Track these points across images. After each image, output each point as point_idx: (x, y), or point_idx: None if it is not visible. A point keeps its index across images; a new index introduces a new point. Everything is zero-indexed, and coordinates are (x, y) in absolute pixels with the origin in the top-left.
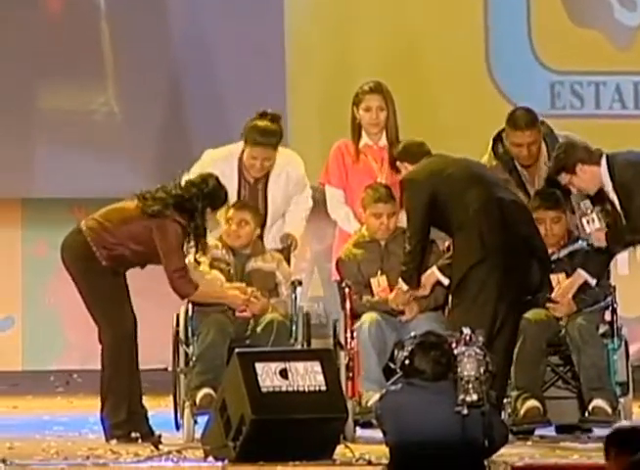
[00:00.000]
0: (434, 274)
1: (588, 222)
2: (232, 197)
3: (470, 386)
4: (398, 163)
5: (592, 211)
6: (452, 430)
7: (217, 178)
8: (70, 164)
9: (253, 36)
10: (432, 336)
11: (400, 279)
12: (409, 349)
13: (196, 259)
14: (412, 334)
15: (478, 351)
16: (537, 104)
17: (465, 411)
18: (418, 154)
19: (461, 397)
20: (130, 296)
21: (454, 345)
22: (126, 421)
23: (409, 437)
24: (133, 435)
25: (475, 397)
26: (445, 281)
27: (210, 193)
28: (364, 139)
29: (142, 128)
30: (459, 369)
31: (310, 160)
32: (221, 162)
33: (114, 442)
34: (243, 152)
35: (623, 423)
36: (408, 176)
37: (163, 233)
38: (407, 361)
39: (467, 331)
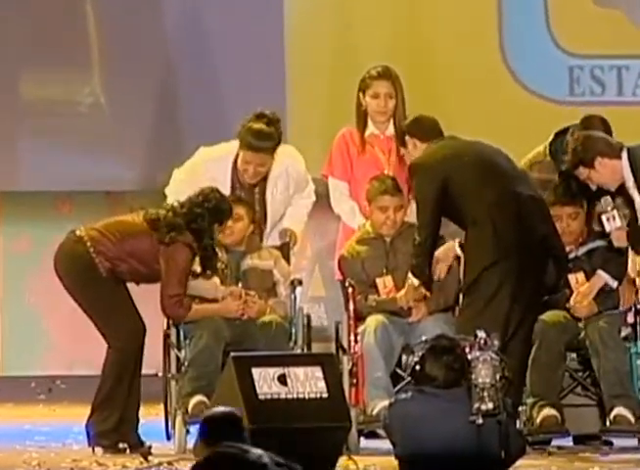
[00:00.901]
0: (453, 249)
1: (608, 220)
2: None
3: (485, 393)
4: (407, 137)
5: (613, 209)
6: (466, 440)
7: (218, 191)
8: (55, 156)
9: (252, 21)
10: (444, 340)
11: (410, 273)
12: (420, 353)
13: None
14: (423, 338)
15: (493, 356)
16: (555, 90)
17: (480, 421)
18: (430, 131)
19: (476, 405)
20: (134, 306)
21: (468, 349)
22: (114, 430)
23: (420, 448)
24: (121, 445)
25: (490, 405)
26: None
27: (215, 208)
28: (370, 128)
29: (130, 120)
30: (473, 376)
31: (311, 150)
32: (213, 163)
33: (99, 451)
34: (238, 154)
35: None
36: (418, 161)
37: (172, 256)
38: (417, 367)
39: (482, 335)
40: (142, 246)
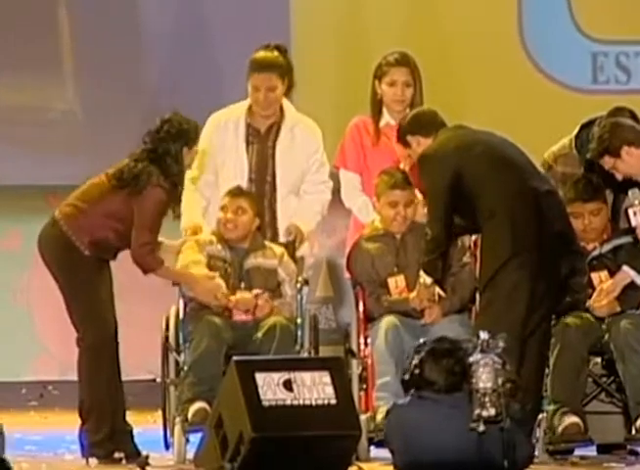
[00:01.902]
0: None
1: (635, 214)
2: (241, 158)
3: (487, 399)
4: (409, 136)
5: None
6: (467, 449)
7: (178, 113)
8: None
9: (256, 8)
10: (445, 342)
11: (422, 271)
12: (419, 357)
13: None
14: (421, 340)
15: (496, 359)
16: (577, 78)
17: (481, 428)
18: (430, 125)
19: (477, 411)
20: (114, 296)
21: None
22: (109, 439)
23: (420, 457)
24: (117, 455)
25: (492, 411)
26: None
27: (179, 130)
28: (385, 117)
29: (105, 128)
30: (474, 380)
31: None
32: (224, 122)
33: (93, 462)
34: (250, 106)
35: None
36: (427, 151)
37: (141, 205)
38: (417, 371)
39: (484, 336)
40: (115, 205)
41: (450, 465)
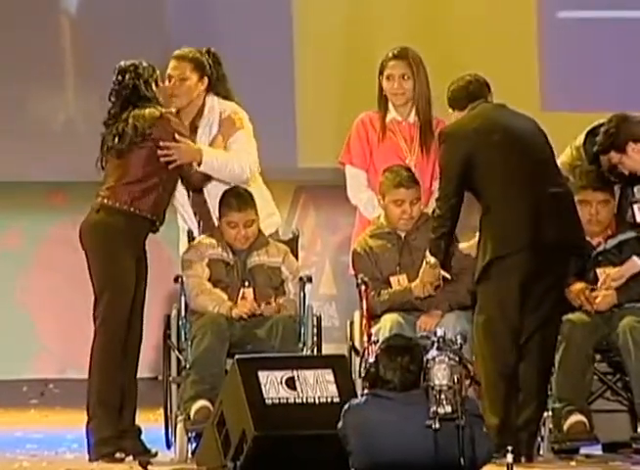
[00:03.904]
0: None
1: None
2: None
3: (442, 396)
4: (450, 111)
5: None
6: (425, 447)
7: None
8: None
9: (258, 8)
10: (400, 339)
11: (427, 252)
12: (374, 354)
13: None
14: (374, 338)
15: (451, 355)
16: None
17: (437, 425)
18: (460, 100)
19: (433, 408)
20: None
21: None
22: (116, 437)
23: (377, 457)
24: (118, 455)
25: (448, 408)
26: None
27: (135, 71)
28: (392, 113)
29: None
30: (429, 377)
31: (324, 139)
32: None
33: (95, 463)
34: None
35: None
36: (447, 129)
37: (156, 138)
38: (372, 369)
39: (440, 332)
40: (135, 161)
41: (409, 465)
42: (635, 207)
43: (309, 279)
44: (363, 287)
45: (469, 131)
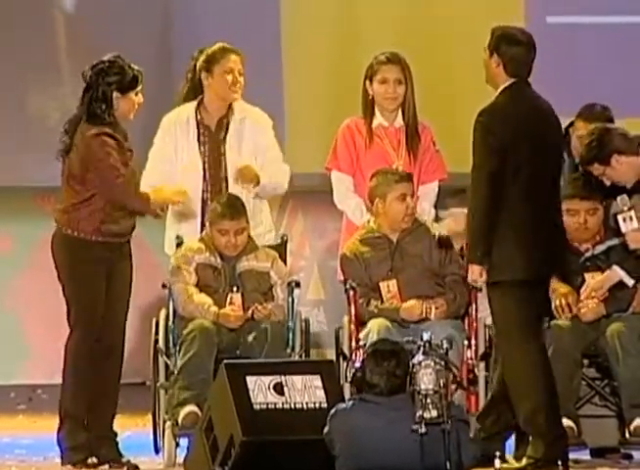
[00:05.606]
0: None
1: (625, 220)
2: (195, 158)
3: (428, 400)
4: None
5: (630, 209)
6: (411, 452)
7: (119, 57)
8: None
9: (247, 9)
10: (387, 343)
11: (466, 259)
12: (361, 359)
13: None
14: (361, 342)
15: (437, 360)
16: None
17: (423, 429)
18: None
19: (418, 413)
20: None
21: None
22: (86, 444)
23: (364, 462)
24: (90, 461)
25: (434, 413)
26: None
27: (114, 72)
28: (378, 119)
29: None
30: (415, 382)
31: (311, 145)
32: (174, 123)
33: (70, 468)
34: (198, 104)
35: None
36: (481, 118)
37: (95, 156)
38: (359, 374)
39: (426, 337)
40: (75, 174)
41: (395, 468)
42: (619, 217)
43: (297, 284)
44: (352, 292)
45: (502, 117)
